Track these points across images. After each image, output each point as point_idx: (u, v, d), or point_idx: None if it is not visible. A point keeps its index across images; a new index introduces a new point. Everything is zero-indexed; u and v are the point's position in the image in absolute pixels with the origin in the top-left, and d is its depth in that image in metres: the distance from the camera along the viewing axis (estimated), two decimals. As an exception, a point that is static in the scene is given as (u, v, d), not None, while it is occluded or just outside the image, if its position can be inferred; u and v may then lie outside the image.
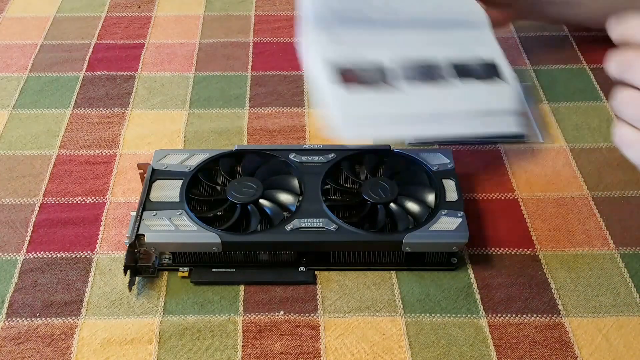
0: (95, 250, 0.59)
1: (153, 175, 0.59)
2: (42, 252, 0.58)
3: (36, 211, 0.62)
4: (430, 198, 0.58)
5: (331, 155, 0.61)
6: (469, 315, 0.54)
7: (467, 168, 0.66)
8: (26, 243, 0.59)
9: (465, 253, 0.58)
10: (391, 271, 0.57)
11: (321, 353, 0.51)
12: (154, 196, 0.58)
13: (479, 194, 0.63)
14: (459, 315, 0.54)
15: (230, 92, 0.76)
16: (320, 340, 0.52)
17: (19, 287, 0.56)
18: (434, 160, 0.61)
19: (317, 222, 0.55)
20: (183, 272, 0.56)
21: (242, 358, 0.51)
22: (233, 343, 0.52)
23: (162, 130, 0.71)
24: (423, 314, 0.54)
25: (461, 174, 0.64)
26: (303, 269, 0.56)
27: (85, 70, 0.79)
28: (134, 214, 0.56)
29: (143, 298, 0.55)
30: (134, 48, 0.82)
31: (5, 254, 0.58)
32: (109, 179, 0.65)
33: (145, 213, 0.56)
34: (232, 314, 0.54)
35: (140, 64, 0.80)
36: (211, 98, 0.75)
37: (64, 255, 0.58)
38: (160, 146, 0.68)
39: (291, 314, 0.54)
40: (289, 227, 0.55)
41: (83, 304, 0.55)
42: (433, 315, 0.54)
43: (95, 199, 0.63)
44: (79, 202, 0.63)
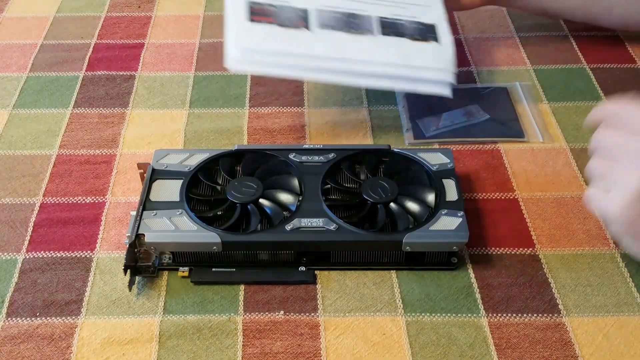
0: (95, 250, 0.59)
1: (153, 175, 0.59)
2: (42, 252, 0.58)
3: (36, 211, 0.62)
4: (430, 198, 0.58)
5: (331, 155, 0.61)
6: (469, 315, 0.54)
7: (467, 168, 0.66)
8: (26, 243, 0.59)
9: (465, 253, 0.58)
10: (391, 271, 0.57)
11: (321, 353, 0.51)
12: (154, 196, 0.58)
13: (479, 194, 0.63)
14: (459, 315, 0.54)
15: (230, 92, 0.76)
16: (320, 339, 0.52)
17: (19, 287, 0.56)
18: (434, 160, 0.61)
19: (317, 222, 0.55)
20: (183, 272, 0.56)
21: (242, 358, 0.51)
22: (233, 343, 0.52)
23: (162, 130, 0.71)
24: (423, 314, 0.54)
25: (461, 174, 0.64)
26: (303, 268, 0.56)
27: (85, 70, 0.79)
28: (134, 213, 0.56)
29: (143, 298, 0.55)
30: (133, 48, 0.82)
31: (5, 254, 0.58)
32: (109, 179, 0.65)
33: (145, 213, 0.56)
34: (232, 314, 0.54)
35: (140, 64, 0.80)
36: (211, 98, 0.75)
37: (64, 255, 0.58)
38: (160, 146, 0.68)
39: (291, 314, 0.54)
40: (289, 227, 0.55)
41: (83, 304, 0.55)
42: (433, 314, 0.54)
43: (95, 199, 0.63)
44: (79, 202, 0.63)
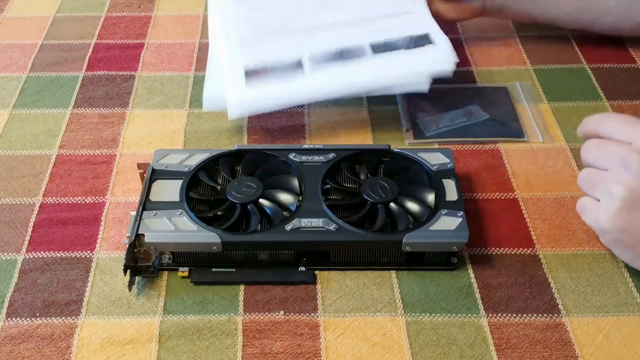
0: (95, 250, 0.59)
1: (153, 175, 0.59)
2: (42, 252, 0.58)
3: (36, 211, 0.62)
4: (430, 198, 0.58)
5: (331, 155, 0.61)
6: (469, 315, 0.54)
7: (467, 168, 0.66)
8: (26, 243, 0.59)
9: (465, 253, 0.58)
10: (391, 271, 0.57)
11: (321, 353, 0.51)
12: (154, 196, 0.58)
13: (479, 194, 0.63)
14: (459, 315, 0.54)
15: (230, 92, 0.76)
16: (320, 340, 0.52)
17: (19, 287, 0.56)
18: (434, 160, 0.61)
19: (317, 222, 0.55)
20: (183, 272, 0.56)
21: (242, 358, 0.51)
22: (233, 343, 0.52)
23: (162, 130, 0.71)
24: (423, 314, 0.54)
25: (461, 174, 0.64)
26: (303, 268, 0.56)
27: (85, 70, 0.79)
28: (133, 213, 0.56)
29: (143, 298, 0.55)
30: (133, 48, 0.82)
31: (5, 254, 0.58)
32: (109, 179, 0.65)
33: (145, 213, 0.56)
34: (232, 314, 0.54)
35: (140, 64, 0.80)
36: (211, 98, 0.75)
37: (63, 255, 0.58)
38: (160, 146, 0.68)
39: (291, 314, 0.54)
40: (289, 227, 0.55)
41: (83, 304, 0.55)
42: (433, 315, 0.54)
43: (95, 199, 0.63)
44: (78, 202, 0.63)
